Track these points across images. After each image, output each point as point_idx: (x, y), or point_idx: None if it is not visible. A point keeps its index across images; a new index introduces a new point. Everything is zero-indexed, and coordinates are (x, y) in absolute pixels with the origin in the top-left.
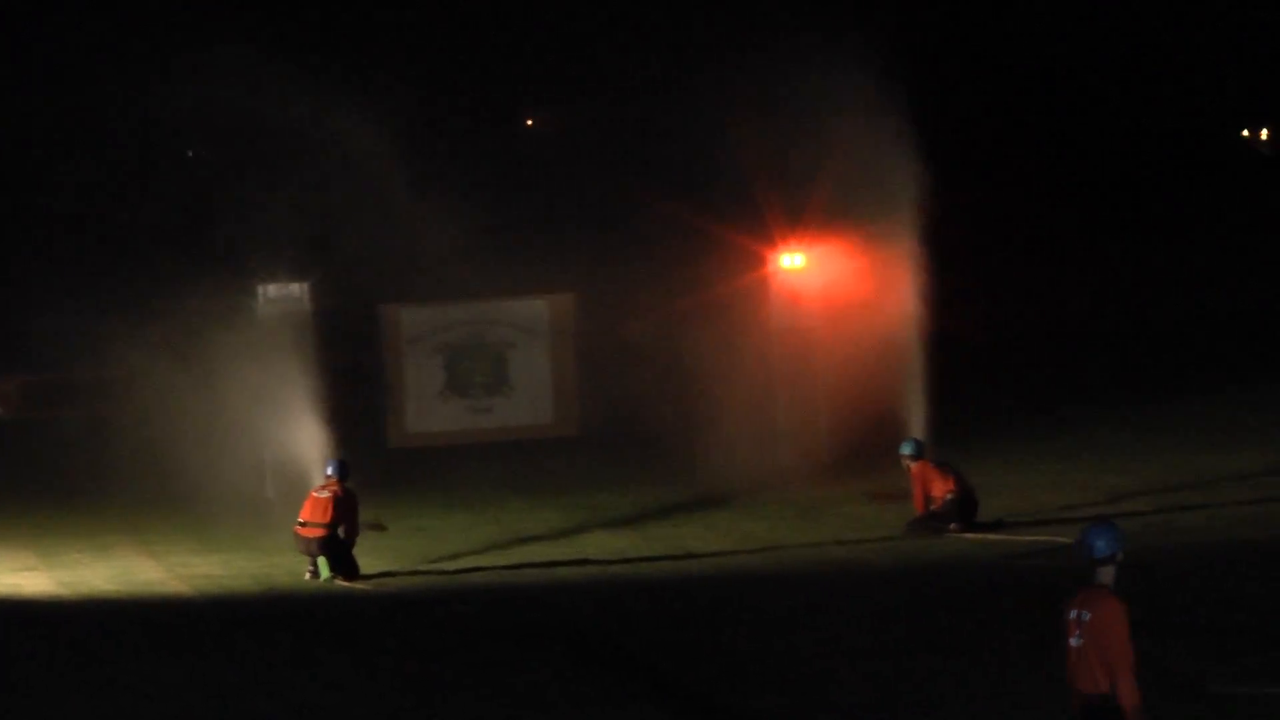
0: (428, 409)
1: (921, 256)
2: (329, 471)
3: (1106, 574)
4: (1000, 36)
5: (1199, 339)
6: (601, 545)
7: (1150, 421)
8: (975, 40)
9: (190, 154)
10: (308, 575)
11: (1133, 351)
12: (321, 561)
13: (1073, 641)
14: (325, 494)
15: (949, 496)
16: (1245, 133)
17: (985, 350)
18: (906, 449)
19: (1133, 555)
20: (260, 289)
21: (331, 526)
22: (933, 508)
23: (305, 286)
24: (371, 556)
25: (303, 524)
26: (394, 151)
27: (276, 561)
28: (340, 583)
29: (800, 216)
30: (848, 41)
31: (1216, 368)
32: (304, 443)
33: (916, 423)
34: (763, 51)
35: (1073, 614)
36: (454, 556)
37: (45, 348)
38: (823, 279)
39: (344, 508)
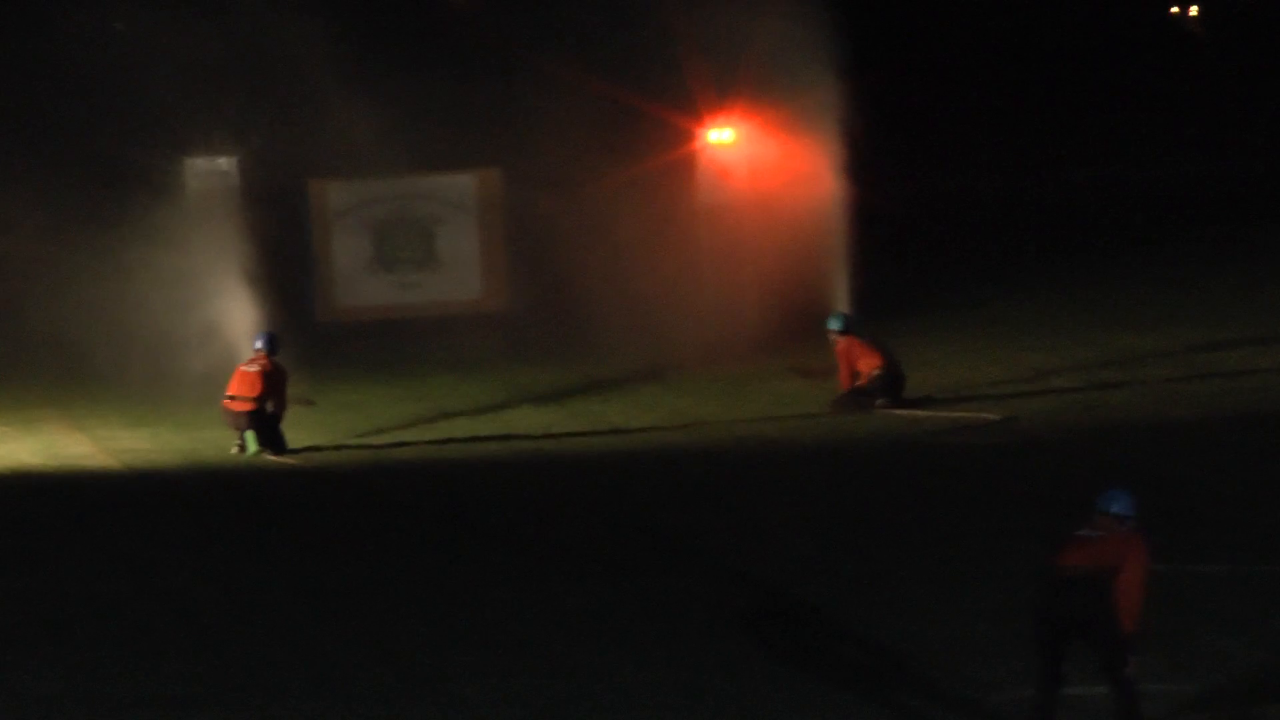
0: (356, 284)
1: (847, 132)
2: (258, 345)
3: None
4: None
5: (1124, 214)
6: (527, 421)
7: (1074, 297)
8: None
9: (118, 27)
10: (235, 449)
11: (1058, 227)
12: (249, 435)
13: (1084, 532)
14: (254, 368)
15: (876, 372)
16: (1174, 9)
17: (911, 225)
18: (833, 324)
19: (1056, 431)
20: (188, 162)
21: (260, 401)
22: (859, 383)
23: (233, 160)
24: (299, 430)
25: (231, 398)
26: (320, 27)
27: (204, 436)
28: (267, 456)
29: (728, 91)
30: None
31: (1141, 244)
32: (232, 317)
33: (842, 298)
34: None
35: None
36: (380, 431)
37: None
38: (750, 154)
39: (272, 382)
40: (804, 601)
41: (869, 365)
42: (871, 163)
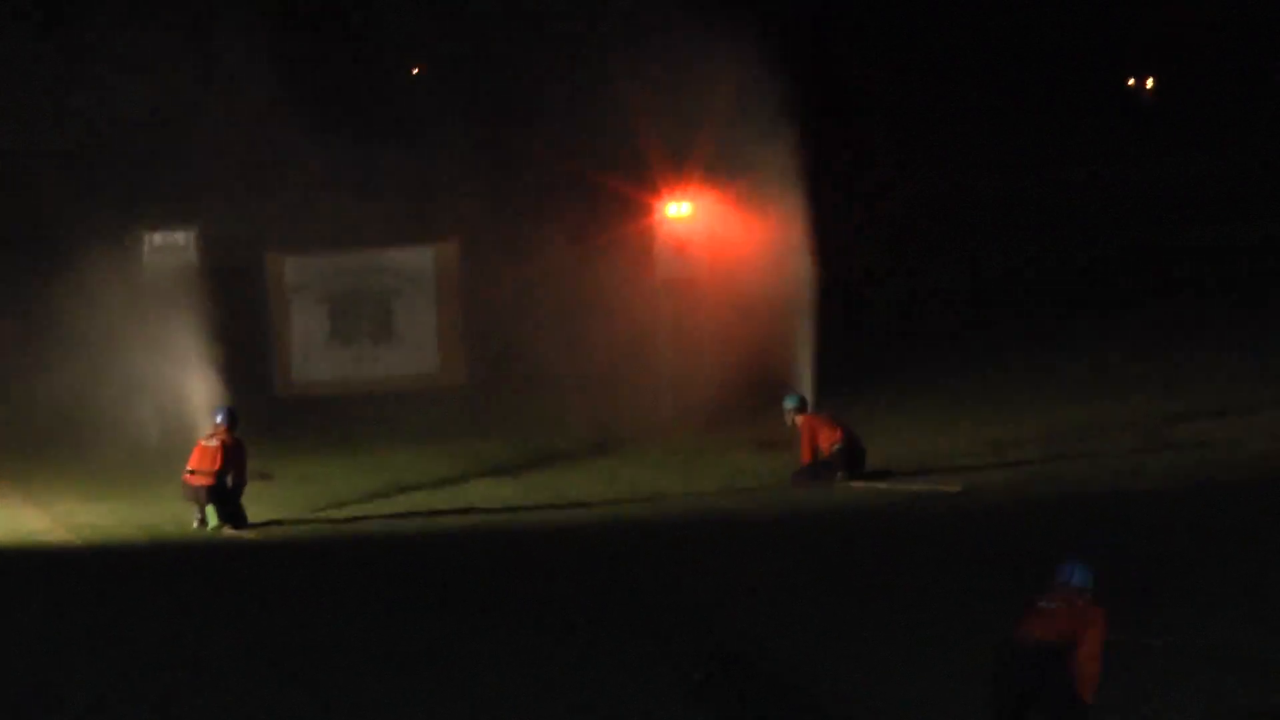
0: (314, 358)
1: (803, 204)
2: (218, 420)
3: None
4: None
5: (1078, 286)
6: (486, 494)
7: (1032, 369)
8: None
9: (74, 101)
10: (195, 524)
11: (1016, 300)
12: (210, 510)
13: (1043, 604)
14: (214, 442)
15: (836, 446)
16: (1130, 81)
17: (870, 298)
18: (789, 403)
19: (1014, 502)
20: (146, 237)
21: (220, 475)
22: (820, 457)
23: (191, 234)
24: (258, 505)
25: (191, 472)
26: (278, 101)
27: (163, 510)
28: (227, 531)
29: (685, 166)
30: None
31: (1097, 315)
32: (191, 391)
33: (802, 370)
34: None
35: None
36: (339, 505)
37: None
38: (708, 228)
39: (232, 456)
40: (772, 659)
41: (829, 439)
42: (830, 233)
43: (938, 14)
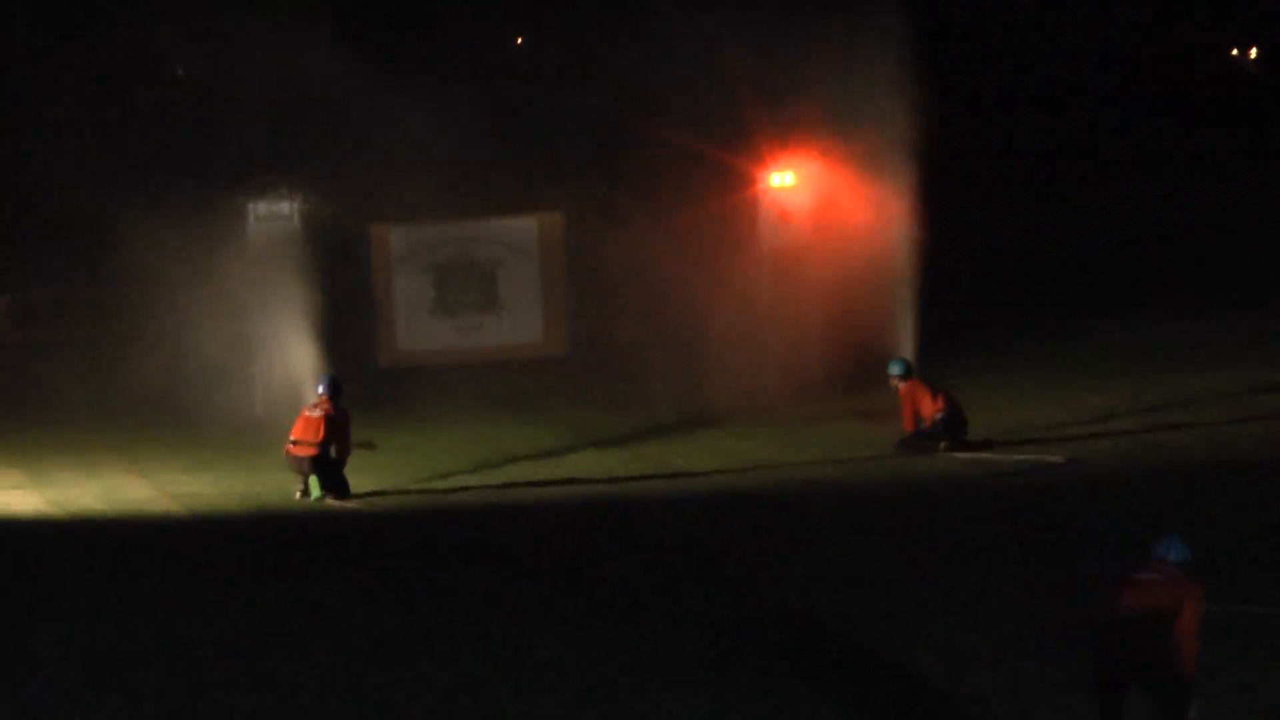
0: (417, 328)
1: (910, 174)
2: (321, 390)
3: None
4: None
5: (1186, 257)
6: (590, 464)
7: (1137, 340)
8: None
9: (179, 72)
10: (298, 494)
11: (1121, 269)
12: (313, 480)
13: (1141, 576)
14: (317, 413)
15: (939, 415)
16: (1234, 52)
17: (973, 268)
18: (895, 369)
19: (1116, 472)
20: (250, 207)
21: (323, 445)
22: (922, 426)
23: (295, 204)
24: (361, 475)
25: (295, 442)
26: (383, 69)
27: (266, 480)
28: (330, 501)
29: (790, 134)
30: None
31: (1204, 286)
32: (294, 361)
33: (906, 341)
34: None
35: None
36: (443, 475)
37: (33, 266)
38: (812, 197)
39: (336, 426)
40: (859, 644)
41: (932, 409)
42: (936, 203)
43: None
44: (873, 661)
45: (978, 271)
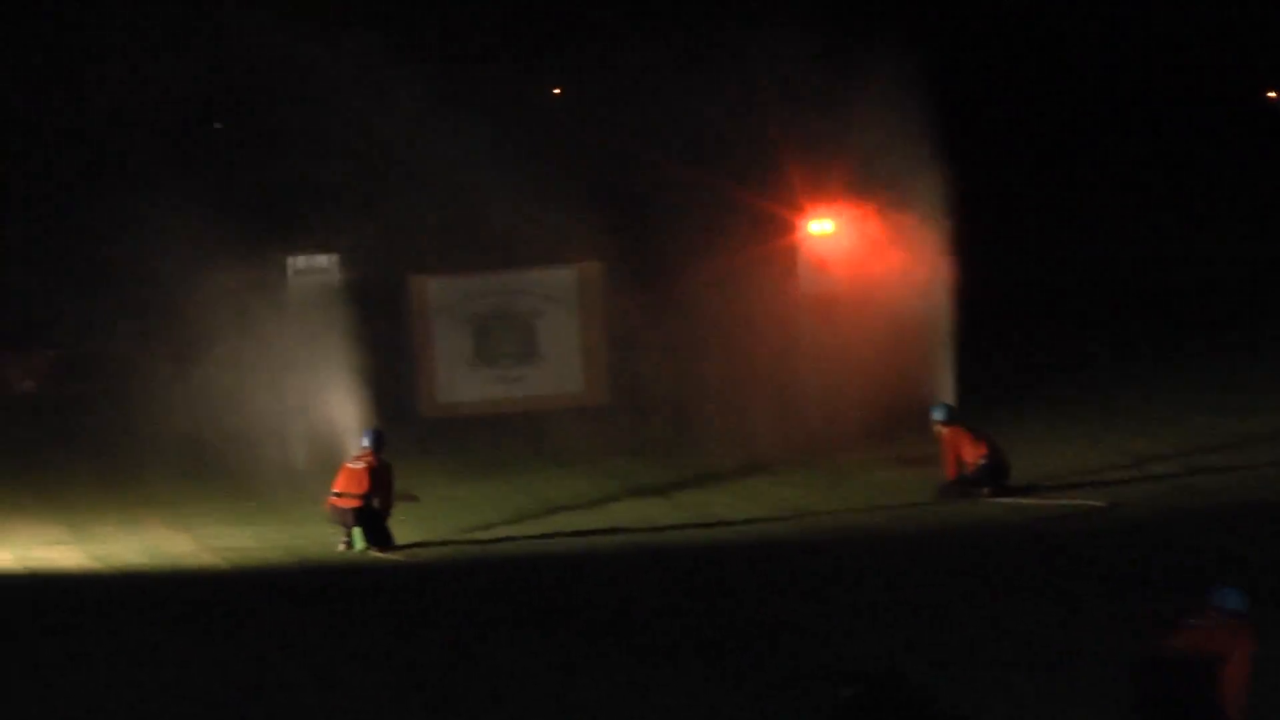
0: (457, 379)
1: (946, 220)
2: (364, 442)
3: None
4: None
5: (1222, 300)
6: (632, 514)
7: (1175, 383)
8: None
9: (217, 126)
10: (341, 546)
11: (1158, 313)
12: (356, 532)
13: (1192, 621)
14: (360, 465)
15: (981, 461)
16: (1271, 94)
17: (1011, 313)
18: (937, 414)
19: (1158, 515)
20: (289, 261)
21: (367, 497)
22: (964, 472)
23: (334, 257)
24: (404, 527)
25: (338, 495)
26: (420, 122)
27: (307, 533)
28: (374, 553)
29: (827, 183)
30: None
31: (1241, 328)
32: (334, 414)
33: (945, 386)
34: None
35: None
36: (486, 526)
37: (75, 321)
38: (850, 245)
39: (379, 478)
40: (904, 687)
41: (974, 454)
42: (971, 249)
43: (1071, 28)
44: (920, 702)
45: (1015, 314)
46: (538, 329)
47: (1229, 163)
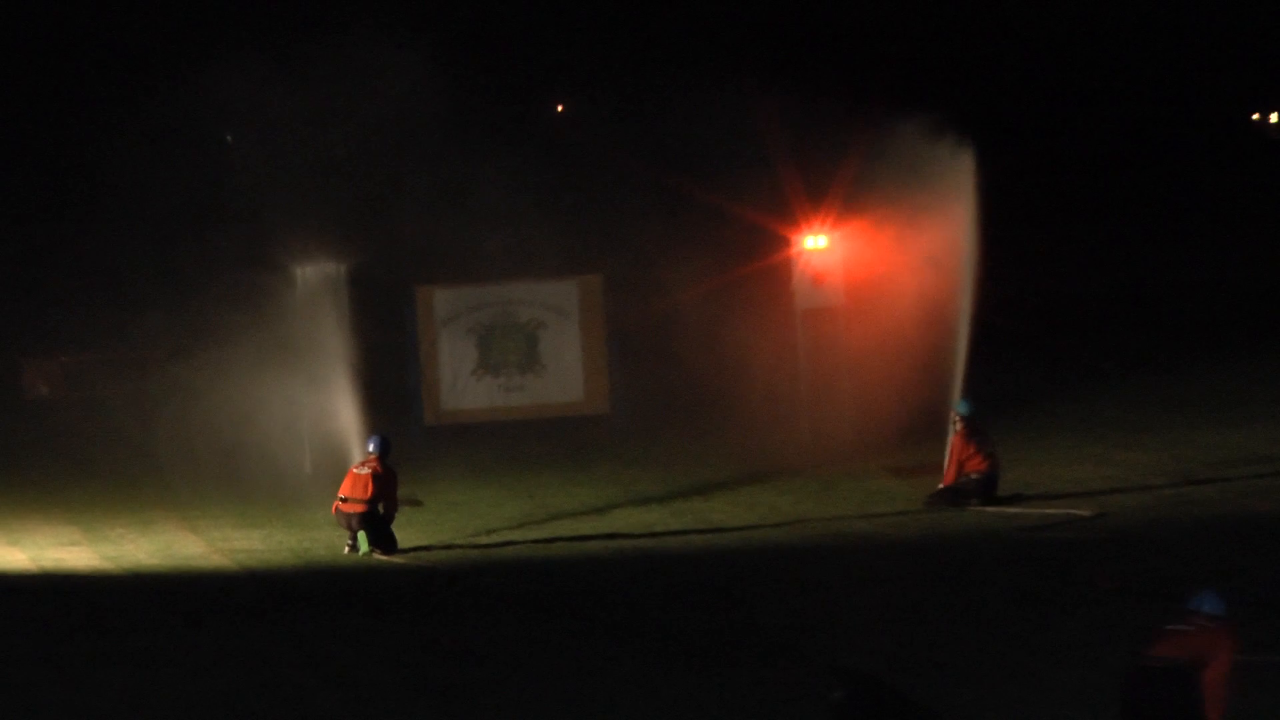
0: (462, 387)
1: (941, 235)
2: (371, 449)
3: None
4: (1019, 21)
5: (1209, 316)
6: (631, 520)
7: (1163, 396)
8: (994, 20)
9: (228, 139)
10: (346, 549)
11: (1145, 328)
12: (361, 536)
13: (1173, 627)
14: (365, 470)
15: (977, 476)
16: (1255, 116)
17: (1004, 326)
18: (962, 408)
19: (1144, 526)
20: (298, 270)
21: (372, 503)
22: (959, 481)
23: (341, 267)
24: (408, 531)
25: (344, 500)
26: (426, 136)
27: (315, 536)
28: (378, 556)
29: (824, 198)
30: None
31: (1227, 344)
32: (341, 420)
33: (939, 397)
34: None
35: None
36: (488, 531)
37: (86, 327)
38: (846, 259)
39: (384, 484)
40: (895, 690)
41: (975, 467)
42: (966, 262)
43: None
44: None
45: (1009, 326)
46: (540, 339)
47: (1224, 185)
